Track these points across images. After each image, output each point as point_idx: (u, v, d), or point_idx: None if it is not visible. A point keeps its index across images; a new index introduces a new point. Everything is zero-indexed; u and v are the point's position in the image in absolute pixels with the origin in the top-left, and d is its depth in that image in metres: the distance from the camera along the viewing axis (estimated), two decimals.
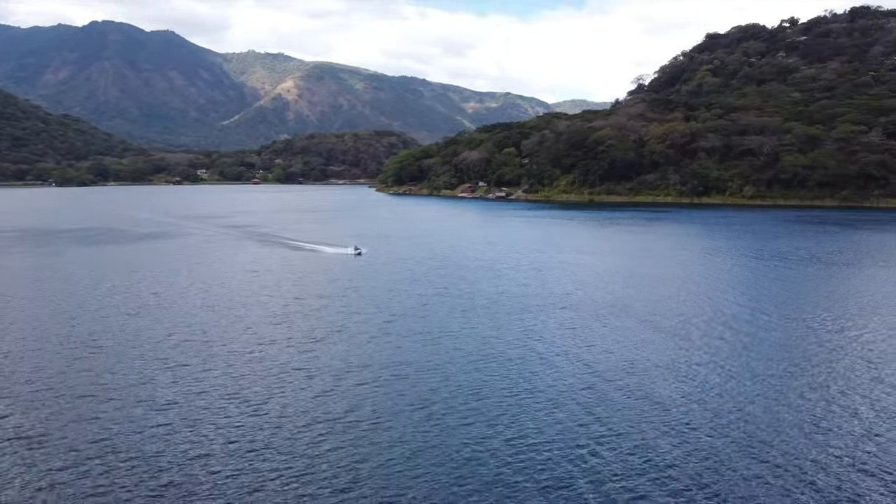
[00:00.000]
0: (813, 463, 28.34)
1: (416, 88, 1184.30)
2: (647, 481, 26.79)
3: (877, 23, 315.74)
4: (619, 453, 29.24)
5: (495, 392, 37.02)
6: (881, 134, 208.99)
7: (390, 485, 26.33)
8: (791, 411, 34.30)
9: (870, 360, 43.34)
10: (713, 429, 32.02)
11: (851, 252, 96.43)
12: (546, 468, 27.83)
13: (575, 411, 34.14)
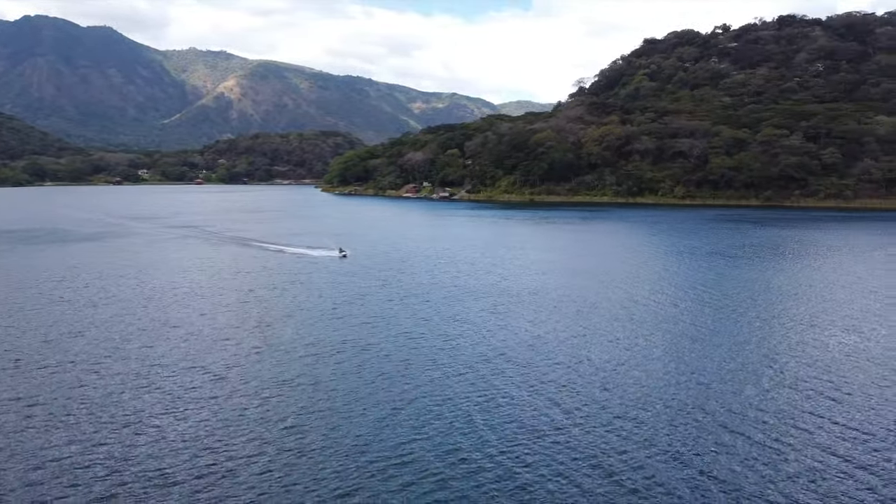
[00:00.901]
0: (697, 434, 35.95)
1: (363, 88, 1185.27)
2: (515, 430, 33.91)
3: (802, 31, 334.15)
4: (504, 412, 36.33)
5: (420, 361, 43.77)
6: (801, 137, 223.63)
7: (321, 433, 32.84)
8: (673, 376, 42.01)
9: (748, 336, 51.68)
10: (588, 389, 39.41)
11: (753, 247, 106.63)
12: (444, 420, 34.71)
13: (477, 378, 41.12)
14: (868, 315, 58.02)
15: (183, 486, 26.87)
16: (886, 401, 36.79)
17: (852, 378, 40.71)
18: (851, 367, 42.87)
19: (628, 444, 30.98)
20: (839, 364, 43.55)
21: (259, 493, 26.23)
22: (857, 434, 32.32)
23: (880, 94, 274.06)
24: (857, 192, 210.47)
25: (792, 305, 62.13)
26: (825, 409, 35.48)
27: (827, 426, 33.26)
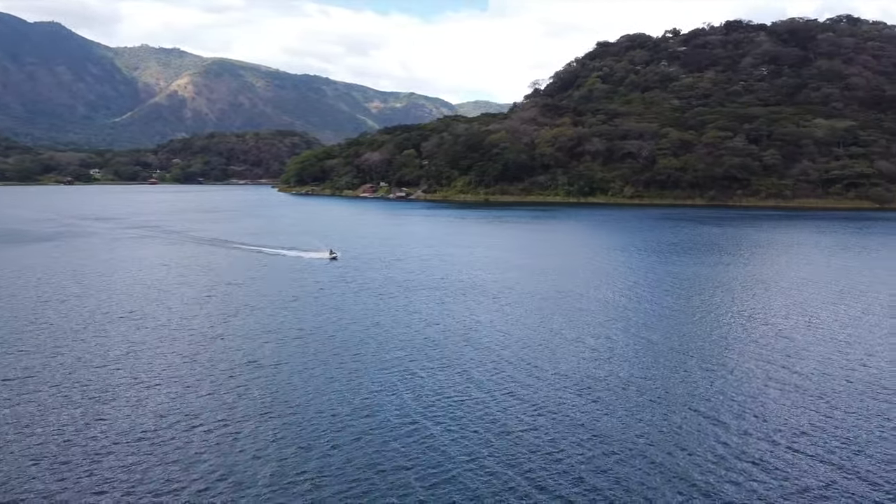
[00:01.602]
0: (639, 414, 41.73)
1: (320, 87, 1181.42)
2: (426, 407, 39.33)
3: (748, 36, 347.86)
4: (428, 383, 41.75)
5: (369, 348, 48.87)
6: (744, 139, 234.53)
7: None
8: (588, 356, 47.88)
9: (666, 322, 57.99)
10: (510, 367, 45.07)
11: (686, 244, 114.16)
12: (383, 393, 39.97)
13: (427, 360, 46.46)
14: (783, 305, 65.02)
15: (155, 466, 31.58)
16: (812, 381, 43.18)
17: (766, 361, 47.17)
18: (769, 352, 49.39)
19: (524, 412, 36.61)
20: (749, 347, 50.05)
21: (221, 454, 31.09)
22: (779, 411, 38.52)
23: (820, 97, 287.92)
24: (795, 191, 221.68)
25: (711, 296, 68.84)
26: (741, 389, 41.67)
27: (749, 403, 39.40)
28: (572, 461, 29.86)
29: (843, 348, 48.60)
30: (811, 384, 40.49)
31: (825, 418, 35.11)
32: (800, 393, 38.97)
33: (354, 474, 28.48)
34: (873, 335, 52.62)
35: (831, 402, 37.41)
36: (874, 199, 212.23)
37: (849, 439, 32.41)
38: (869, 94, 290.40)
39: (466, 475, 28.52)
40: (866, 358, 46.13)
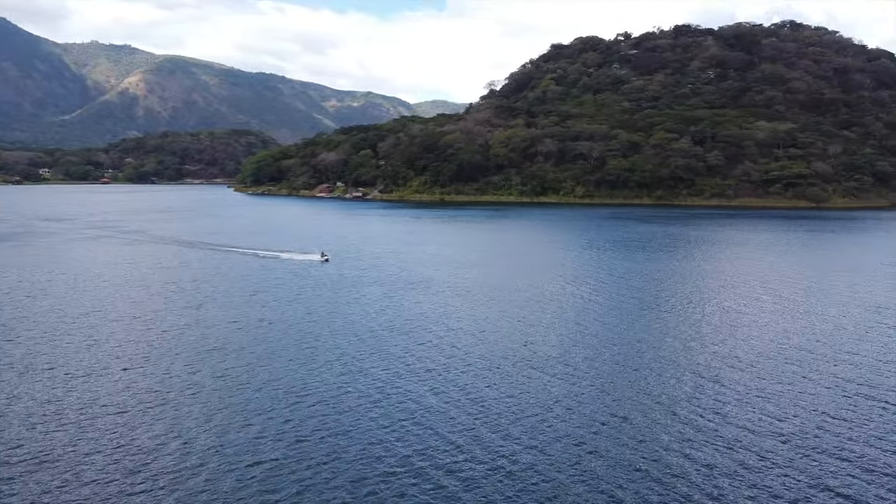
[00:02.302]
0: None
1: (276, 86, 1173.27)
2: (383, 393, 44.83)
3: (696, 40, 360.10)
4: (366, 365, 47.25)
5: (320, 335, 54.13)
6: (690, 141, 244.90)
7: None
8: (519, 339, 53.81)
9: (597, 311, 64.37)
10: (448, 350, 50.77)
11: (632, 240, 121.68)
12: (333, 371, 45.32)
13: (363, 343, 51.90)
14: (712, 295, 72.06)
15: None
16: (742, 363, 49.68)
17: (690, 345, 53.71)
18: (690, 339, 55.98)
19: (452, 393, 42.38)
20: (667, 334, 56.61)
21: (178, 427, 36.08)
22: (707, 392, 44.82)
23: (763, 100, 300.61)
24: (737, 191, 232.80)
25: (647, 288, 75.61)
26: (676, 372, 47.99)
27: (676, 386, 45.66)
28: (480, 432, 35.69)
29: (762, 331, 55.58)
30: (721, 360, 47.18)
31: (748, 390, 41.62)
32: (716, 366, 45.55)
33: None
34: (790, 320, 59.81)
35: (758, 374, 44.02)
36: (811, 198, 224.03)
37: (777, 406, 38.93)
38: (809, 98, 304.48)
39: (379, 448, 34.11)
40: (784, 337, 53.15)
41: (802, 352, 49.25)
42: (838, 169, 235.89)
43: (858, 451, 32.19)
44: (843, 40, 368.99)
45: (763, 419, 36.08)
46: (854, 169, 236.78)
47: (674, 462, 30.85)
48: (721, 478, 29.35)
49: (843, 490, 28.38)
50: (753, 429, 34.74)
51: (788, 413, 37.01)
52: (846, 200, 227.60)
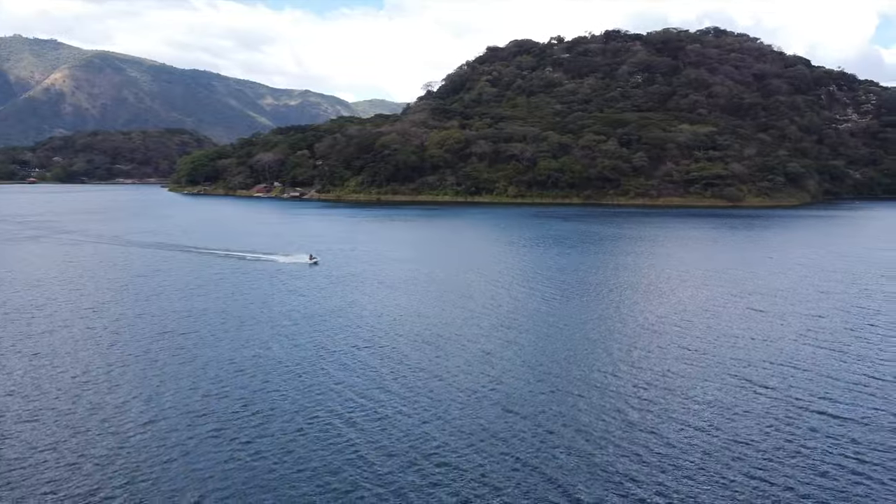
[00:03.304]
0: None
1: (210, 83, 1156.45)
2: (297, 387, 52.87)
3: (625, 45, 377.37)
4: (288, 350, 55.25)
5: (242, 321, 61.74)
6: (616, 143, 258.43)
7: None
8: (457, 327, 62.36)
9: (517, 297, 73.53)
10: (368, 336, 59.06)
11: (549, 236, 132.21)
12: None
13: (289, 335, 59.77)
14: (630, 285, 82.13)
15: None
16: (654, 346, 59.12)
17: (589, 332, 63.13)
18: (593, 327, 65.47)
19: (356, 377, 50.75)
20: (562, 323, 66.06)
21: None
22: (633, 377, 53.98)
23: (688, 104, 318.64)
24: (660, 191, 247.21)
25: (568, 279, 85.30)
26: (588, 357, 57.13)
27: (600, 372, 54.73)
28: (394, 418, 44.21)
29: (647, 314, 65.63)
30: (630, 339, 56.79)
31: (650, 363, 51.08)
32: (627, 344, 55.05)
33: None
34: (675, 303, 70.17)
35: (633, 346, 53.60)
36: (728, 197, 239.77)
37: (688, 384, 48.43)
38: (730, 102, 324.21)
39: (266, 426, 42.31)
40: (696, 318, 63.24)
41: (677, 332, 59.54)
42: (753, 170, 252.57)
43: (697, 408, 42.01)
44: (762, 47, 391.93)
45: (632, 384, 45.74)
46: (767, 170, 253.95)
47: (558, 431, 39.98)
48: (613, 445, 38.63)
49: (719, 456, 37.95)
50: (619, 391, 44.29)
51: (656, 373, 46.77)
52: (760, 199, 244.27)
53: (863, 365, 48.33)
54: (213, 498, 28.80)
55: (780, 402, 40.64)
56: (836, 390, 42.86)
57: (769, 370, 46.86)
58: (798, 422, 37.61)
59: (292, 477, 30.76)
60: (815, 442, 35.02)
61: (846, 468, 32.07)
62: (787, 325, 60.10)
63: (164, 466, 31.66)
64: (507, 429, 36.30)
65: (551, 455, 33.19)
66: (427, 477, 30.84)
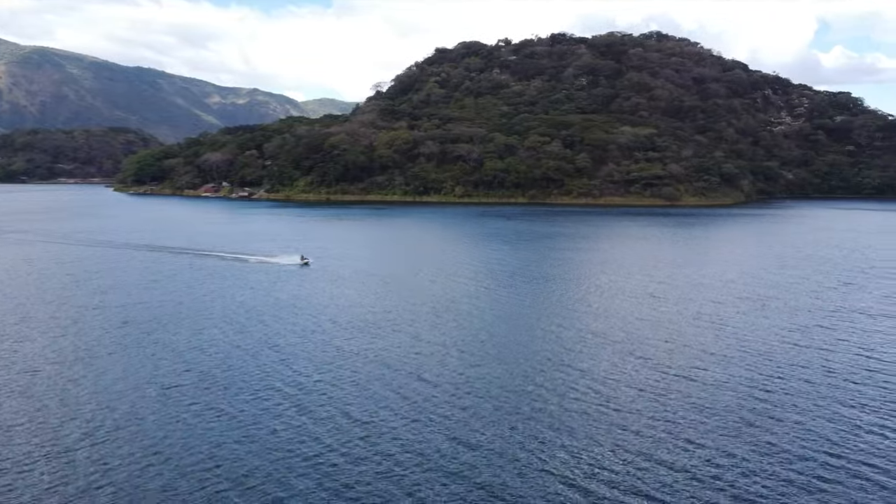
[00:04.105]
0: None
1: (155, 81, 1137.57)
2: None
3: (570, 48, 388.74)
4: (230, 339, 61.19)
5: (189, 311, 67.34)
6: (560, 144, 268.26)
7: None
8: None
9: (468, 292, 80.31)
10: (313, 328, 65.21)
11: (489, 234, 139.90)
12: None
13: (231, 323, 65.62)
14: (563, 277, 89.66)
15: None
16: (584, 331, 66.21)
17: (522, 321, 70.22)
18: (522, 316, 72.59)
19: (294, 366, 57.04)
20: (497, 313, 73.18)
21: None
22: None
23: (630, 107, 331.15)
24: (602, 190, 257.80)
25: (485, 270, 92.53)
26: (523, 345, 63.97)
27: (536, 362, 61.56)
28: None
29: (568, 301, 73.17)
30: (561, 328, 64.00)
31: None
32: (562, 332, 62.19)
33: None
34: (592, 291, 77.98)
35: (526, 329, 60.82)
36: (665, 197, 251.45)
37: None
38: (670, 105, 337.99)
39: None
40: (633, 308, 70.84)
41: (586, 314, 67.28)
42: (690, 170, 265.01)
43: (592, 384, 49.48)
44: (702, 51, 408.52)
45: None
46: (703, 170, 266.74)
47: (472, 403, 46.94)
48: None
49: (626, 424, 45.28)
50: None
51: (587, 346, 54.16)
52: (696, 199, 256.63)
53: (735, 340, 56.48)
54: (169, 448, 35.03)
55: (658, 372, 48.27)
56: (708, 361, 50.82)
57: (655, 347, 54.65)
58: (670, 387, 45.25)
59: (220, 433, 37.18)
60: (678, 401, 42.66)
61: (696, 420, 39.73)
62: (682, 309, 68.38)
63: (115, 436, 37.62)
64: (418, 394, 43.09)
65: (450, 412, 40.02)
66: (347, 433, 37.46)
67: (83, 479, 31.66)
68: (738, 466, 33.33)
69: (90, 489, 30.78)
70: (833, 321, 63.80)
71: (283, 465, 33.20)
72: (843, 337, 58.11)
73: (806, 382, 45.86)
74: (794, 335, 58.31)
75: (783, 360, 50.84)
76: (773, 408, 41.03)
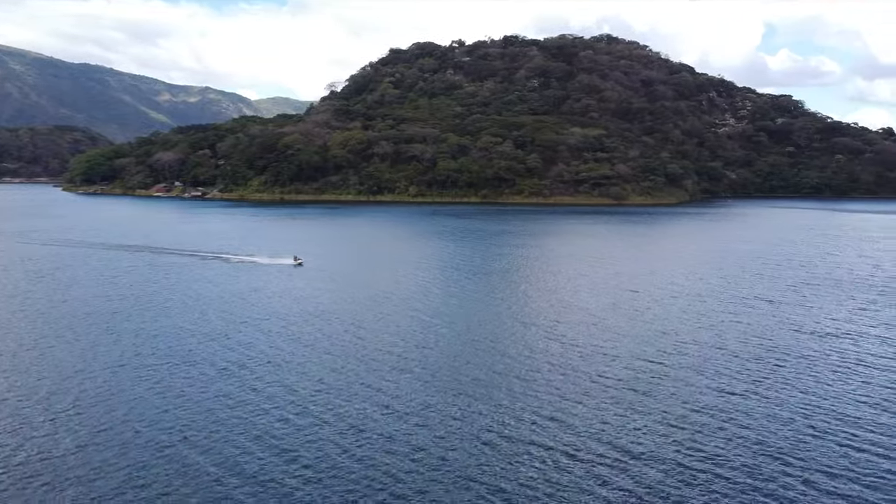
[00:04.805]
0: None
1: (103, 78, 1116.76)
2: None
3: (522, 50, 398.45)
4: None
5: (139, 301, 72.83)
6: (512, 145, 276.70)
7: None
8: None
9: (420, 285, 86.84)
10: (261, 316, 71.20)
11: (437, 232, 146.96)
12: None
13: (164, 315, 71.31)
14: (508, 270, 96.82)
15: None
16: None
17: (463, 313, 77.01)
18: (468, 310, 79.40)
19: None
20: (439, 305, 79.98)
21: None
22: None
23: (580, 108, 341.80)
24: (552, 190, 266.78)
25: (428, 265, 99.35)
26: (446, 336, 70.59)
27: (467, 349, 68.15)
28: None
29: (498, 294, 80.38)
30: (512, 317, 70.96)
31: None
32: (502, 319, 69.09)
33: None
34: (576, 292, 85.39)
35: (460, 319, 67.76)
36: (613, 196, 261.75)
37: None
38: (619, 107, 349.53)
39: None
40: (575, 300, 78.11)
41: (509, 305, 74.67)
42: (637, 170, 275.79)
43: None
44: (651, 54, 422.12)
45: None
46: (649, 171, 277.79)
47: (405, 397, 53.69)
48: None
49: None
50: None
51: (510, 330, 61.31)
52: (642, 198, 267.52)
53: (643, 323, 64.34)
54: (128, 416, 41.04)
55: (575, 348, 55.70)
56: (615, 340, 58.46)
57: (573, 328, 62.15)
58: (577, 361, 52.67)
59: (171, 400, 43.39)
60: (581, 372, 50.07)
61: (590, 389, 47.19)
62: (600, 294, 76.26)
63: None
64: (354, 372, 49.79)
65: (382, 385, 46.83)
66: (282, 409, 44.00)
67: (36, 452, 35.68)
68: (623, 424, 40.73)
69: (48, 461, 34.96)
70: (736, 307, 72.23)
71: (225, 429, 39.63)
72: (740, 320, 66.46)
73: (697, 357, 53.74)
74: (699, 317, 66.48)
75: (685, 339, 58.74)
76: (660, 378, 48.67)
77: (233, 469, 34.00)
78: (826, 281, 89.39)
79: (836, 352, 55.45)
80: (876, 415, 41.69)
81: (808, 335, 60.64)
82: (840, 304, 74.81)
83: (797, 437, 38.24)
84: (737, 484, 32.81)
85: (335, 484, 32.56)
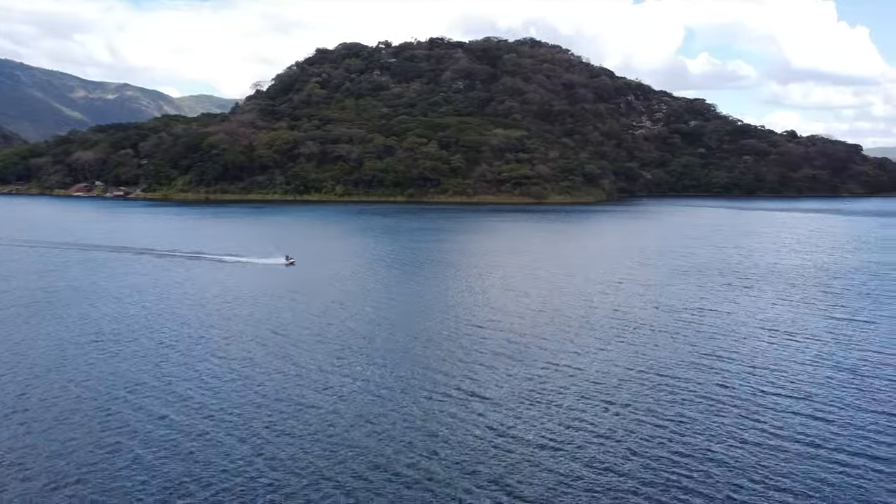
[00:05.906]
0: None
1: (13, 73, 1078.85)
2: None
3: (448, 52, 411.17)
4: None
5: (87, 293, 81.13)
6: (437, 145, 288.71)
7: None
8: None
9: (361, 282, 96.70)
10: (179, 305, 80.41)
11: (360, 229, 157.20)
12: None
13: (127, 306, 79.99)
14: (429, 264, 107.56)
15: None
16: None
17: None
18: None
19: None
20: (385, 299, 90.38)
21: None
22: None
23: (504, 110, 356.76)
24: (476, 189, 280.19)
25: (351, 260, 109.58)
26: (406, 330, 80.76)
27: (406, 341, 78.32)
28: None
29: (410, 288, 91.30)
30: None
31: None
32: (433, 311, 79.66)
33: None
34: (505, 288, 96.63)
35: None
36: (534, 195, 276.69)
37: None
38: (541, 109, 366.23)
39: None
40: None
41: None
42: (556, 171, 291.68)
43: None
44: (572, 58, 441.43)
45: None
46: (568, 171, 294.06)
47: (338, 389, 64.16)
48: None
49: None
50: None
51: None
52: (562, 197, 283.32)
53: (536, 301, 76.42)
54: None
55: (499, 334, 67.19)
56: (508, 319, 70.25)
57: (474, 312, 73.71)
58: (513, 348, 64.13)
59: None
60: (473, 345, 61.50)
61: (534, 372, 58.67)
62: (504, 282, 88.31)
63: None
64: (268, 358, 60.03)
65: (317, 368, 57.25)
66: (221, 394, 53.98)
67: None
68: (514, 394, 52.32)
69: None
70: (614, 290, 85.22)
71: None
72: (609, 297, 79.39)
73: (562, 330, 65.99)
74: (577, 299, 79.11)
75: (569, 316, 71.03)
76: (534, 348, 60.61)
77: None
78: (693, 268, 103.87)
79: (680, 322, 68.63)
80: (685, 371, 54.55)
81: (660, 311, 73.80)
82: (700, 287, 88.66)
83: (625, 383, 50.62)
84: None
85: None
